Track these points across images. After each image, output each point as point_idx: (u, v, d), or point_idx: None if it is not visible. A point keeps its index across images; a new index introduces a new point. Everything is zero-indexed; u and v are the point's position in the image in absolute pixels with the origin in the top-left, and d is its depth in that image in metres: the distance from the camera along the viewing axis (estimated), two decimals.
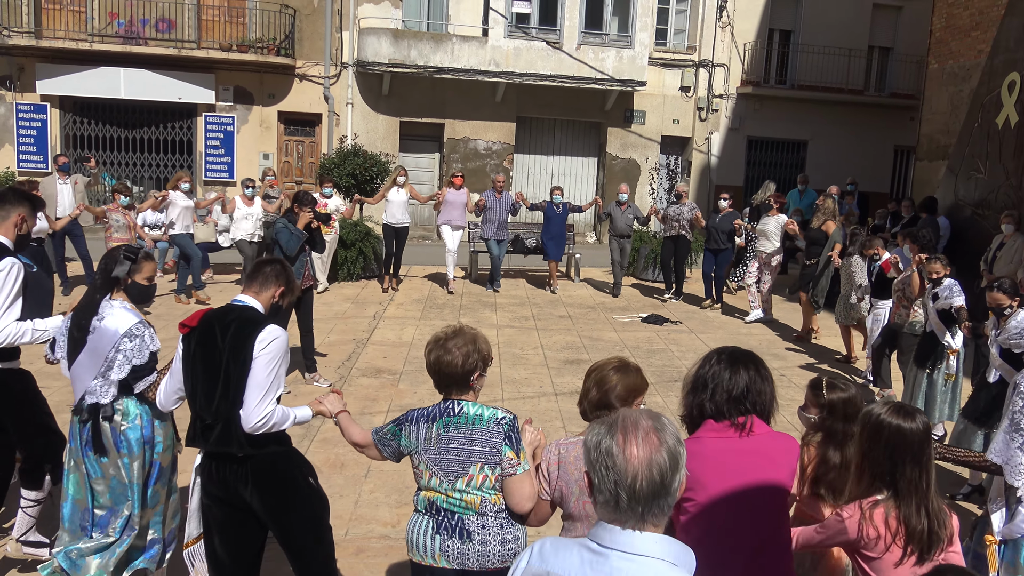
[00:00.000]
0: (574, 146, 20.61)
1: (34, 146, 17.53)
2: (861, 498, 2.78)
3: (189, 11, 17.73)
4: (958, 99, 13.90)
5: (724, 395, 2.69)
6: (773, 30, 20.79)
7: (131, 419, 3.90)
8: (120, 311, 3.89)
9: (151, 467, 3.99)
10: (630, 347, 9.91)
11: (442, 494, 3.05)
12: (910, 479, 2.70)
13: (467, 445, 3.01)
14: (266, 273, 3.64)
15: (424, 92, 18.87)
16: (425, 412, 3.13)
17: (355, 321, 10.55)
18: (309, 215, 8.05)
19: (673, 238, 12.73)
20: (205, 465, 3.50)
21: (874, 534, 2.69)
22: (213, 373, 3.40)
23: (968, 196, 12.26)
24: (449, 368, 3.07)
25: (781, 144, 21.28)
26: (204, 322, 3.50)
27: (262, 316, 3.55)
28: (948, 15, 14.48)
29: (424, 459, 3.08)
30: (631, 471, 1.71)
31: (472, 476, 3.00)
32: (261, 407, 3.35)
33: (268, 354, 3.38)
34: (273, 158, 18.65)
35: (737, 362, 2.74)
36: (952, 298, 6.79)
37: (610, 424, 1.79)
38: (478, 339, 3.15)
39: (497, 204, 12.75)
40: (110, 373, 3.83)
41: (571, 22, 18.56)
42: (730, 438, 2.67)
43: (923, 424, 2.74)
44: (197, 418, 3.47)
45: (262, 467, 3.44)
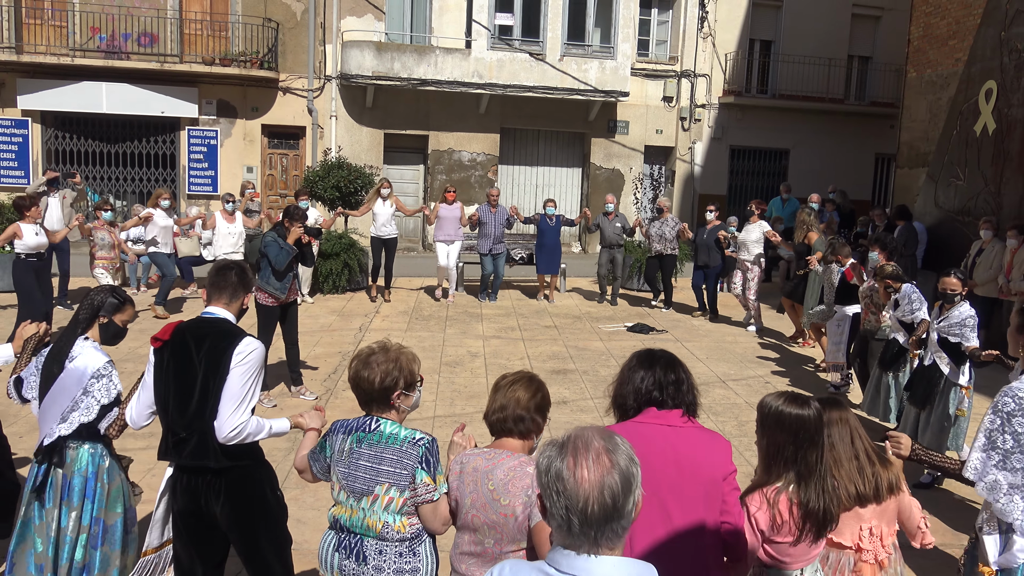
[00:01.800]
0: (558, 157, 20.68)
1: (15, 161, 17.42)
2: (761, 487, 2.90)
3: (171, 25, 17.70)
4: (937, 107, 14.05)
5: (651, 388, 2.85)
6: (754, 40, 20.97)
7: (79, 467, 3.76)
8: (90, 351, 3.84)
9: (95, 524, 3.78)
10: (616, 356, 9.93)
11: (347, 511, 2.99)
12: (810, 463, 2.83)
13: (376, 463, 2.93)
14: (234, 283, 3.62)
15: (408, 104, 18.90)
16: (345, 424, 3.08)
17: (341, 334, 10.53)
18: (300, 230, 8.03)
19: (658, 256, 12.71)
20: (176, 477, 3.48)
21: (779, 520, 2.82)
22: (187, 386, 3.38)
23: (948, 203, 12.39)
24: (366, 384, 3.02)
25: (763, 153, 21.44)
26: (177, 335, 3.48)
27: (237, 328, 3.54)
28: (926, 24, 14.65)
29: (336, 470, 3.02)
30: (582, 495, 1.67)
31: (377, 496, 2.91)
32: (235, 417, 3.34)
33: (245, 365, 3.38)
34: (257, 171, 18.61)
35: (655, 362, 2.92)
36: (915, 312, 6.92)
37: (561, 445, 1.75)
38: (402, 357, 3.07)
39: (492, 218, 12.76)
40: (72, 415, 3.74)
41: (554, 34, 18.66)
42: (666, 425, 2.80)
43: (816, 410, 2.88)
44: (169, 431, 3.44)
45: (234, 481, 3.43)
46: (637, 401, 2.88)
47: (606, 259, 13.09)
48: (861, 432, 3.26)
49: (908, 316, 6.98)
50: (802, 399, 2.91)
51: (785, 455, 2.85)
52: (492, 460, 2.87)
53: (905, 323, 7.07)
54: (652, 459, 2.69)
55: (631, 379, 2.92)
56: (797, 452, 2.83)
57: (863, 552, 3.20)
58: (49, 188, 12.07)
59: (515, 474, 2.81)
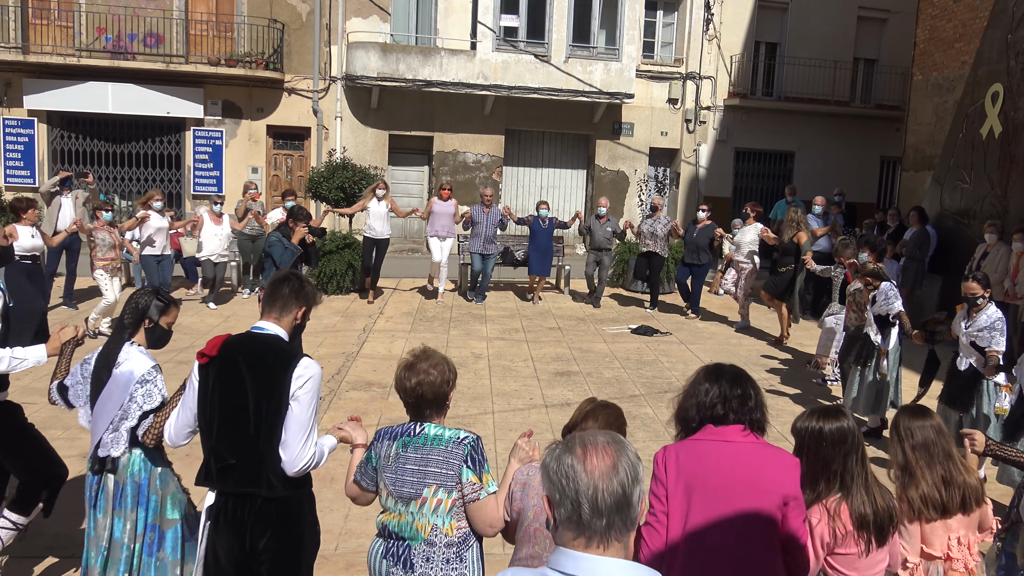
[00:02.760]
0: (563, 158, 20.67)
1: (21, 161, 17.47)
2: (817, 502, 2.93)
3: (177, 26, 17.73)
4: (943, 110, 14.02)
5: (715, 403, 2.81)
6: (759, 42, 20.94)
7: (131, 473, 3.63)
8: (137, 355, 3.70)
9: (151, 531, 3.65)
10: (620, 358, 9.92)
11: (395, 516, 2.95)
12: (854, 473, 2.92)
13: (422, 466, 2.91)
14: (285, 295, 3.40)
15: (413, 105, 18.91)
16: (390, 430, 3.06)
17: (345, 335, 10.53)
18: (304, 230, 8.04)
19: (646, 255, 12.79)
20: (220, 506, 3.23)
21: (842, 531, 2.86)
22: (236, 409, 3.17)
23: (953, 206, 12.36)
24: (430, 390, 2.99)
25: (768, 155, 21.40)
26: (225, 352, 3.25)
27: (292, 348, 3.33)
28: (932, 27, 14.62)
29: (383, 476, 2.99)
30: (593, 482, 1.70)
31: (425, 499, 2.89)
32: (307, 449, 3.17)
33: (307, 392, 3.18)
34: (262, 172, 18.63)
35: (721, 375, 2.89)
36: (890, 304, 7.20)
37: (567, 442, 1.79)
38: (446, 359, 3.10)
39: (485, 218, 12.78)
40: (122, 424, 3.62)
41: (559, 35, 18.65)
42: (727, 441, 2.76)
43: (853, 420, 2.99)
44: (212, 455, 3.21)
45: (283, 511, 3.22)
46: (700, 415, 2.85)
47: (592, 261, 13.14)
48: (946, 442, 3.31)
49: (883, 310, 7.26)
50: (832, 410, 3.00)
51: (833, 468, 2.92)
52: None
53: (880, 319, 7.33)
54: (708, 477, 2.70)
55: (695, 392, 2.89)
56: (846, 462, 2.91)
57: (953, 561, 3.25)
58: (62, 188, 12.06)
59: (534, 481, 2.86)
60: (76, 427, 6.57)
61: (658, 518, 2.72)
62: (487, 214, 12.81)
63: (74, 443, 6.27)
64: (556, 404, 8.02)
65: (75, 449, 5.87)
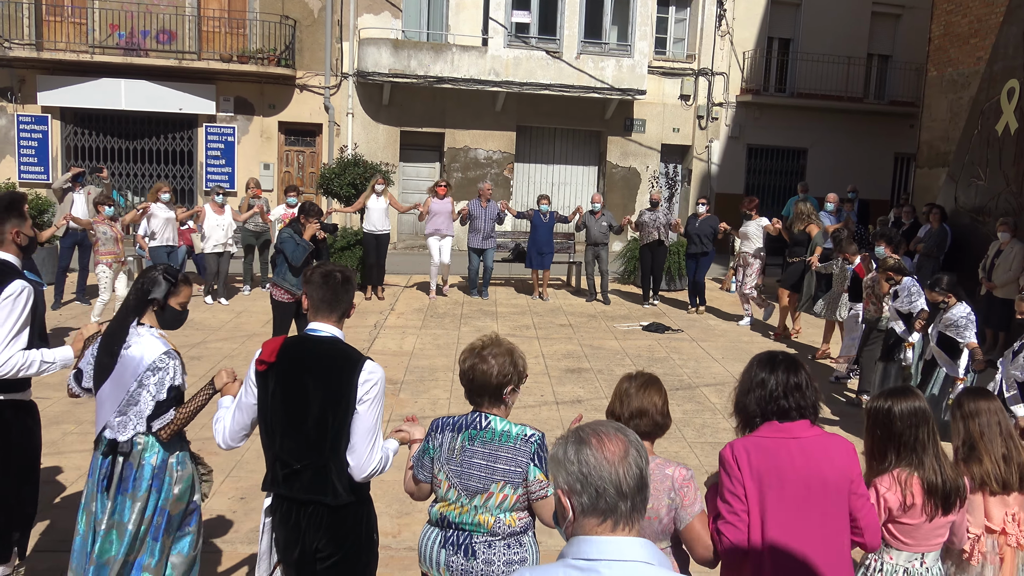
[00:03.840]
0: (574, 155, 20.63)
1: (35, 157, 17.56)
2: (887, 472, 3.13)
3: (190, 22, 17.78)
4: (957, 106, 13.91)
5: (776, 396, 2.86)
6: (772, 38, 20.83)
7: (147, 457, 3.51)
8: (148, 338, 3.55)
9: (159, 515, 3.55)
10: (631, 355, 9.89)
11: (456, 508, 2.96)
12: (925, 445, 3.10)
13: (491, 462, 2.93)
14: (336, 292, 3.25)
15: (424, 102, 18.90)
16: (452, 421, 3.04)
17: (356, 331, 10.54)
18: (316, 226, 8.06)
19: (650, 245, 12.84)
20: (276, 507, 3.20)
21: (911, 501, 3.05)
22: (302, 416, 3.11)
23: (968, 203, 12.26)
24: (483, 377, 2.99)
25: (781, 152, 21.30)
26: (284, 357, 3.17)
27: (355, 352, 3.23)
28: (947, 23, 14.50)
29: (445, 469, 2.99)
30: (614, 468, 1.76)
31: (492, 494, 2.92)
32: (375, 454, 3.13)
33: (373, 396, 3.13)
34: (274, 168, 18.67)
35: (777, 365, 2.92)
36: (913, 302, 7.37)
37: (575, 433, 1.83)
38: (515, 352, 3.08)
39: (483, 213, 12.78)
40: (130, 409, 3.49)
41: (570, 31, 18.60)
42: (792, 438, 2.81)
43: (923, 399, 3.20)
44: (277, 461, 3.16)
45: (342, 519, 3.16)
46: (761, 407, 2.88)
47: (591, 256, 13.14)
48: (1006, 422, 3.49)
49: (906, 306, 7.39)
50: (904, 390, 3.24)
51: (904, 441, 3.12)
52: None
53: (903, 313, 7.46)
54: (781, 475, 2.75)
55: (753, 384, 2.91)
56: (917, 434, 3.10)
57: (1008, 536, 3.43)
58: (74, 184, 12.11)
59: (655, 476, 2.83)
60: (89, 421, 6.60)
61: (739, 515, 2.76)
62: (484, 209, 12.82)
63: (87, 437, 6.30)
64: (567, 401, 8.01)
65: (88, 444, 5.89)
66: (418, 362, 9.27)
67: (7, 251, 3.94)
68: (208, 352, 9.34)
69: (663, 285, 14.29)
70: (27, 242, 4.03)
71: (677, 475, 2.84)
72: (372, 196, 12.52)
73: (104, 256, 10.30)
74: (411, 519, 5.40)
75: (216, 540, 5.02)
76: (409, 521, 5.37)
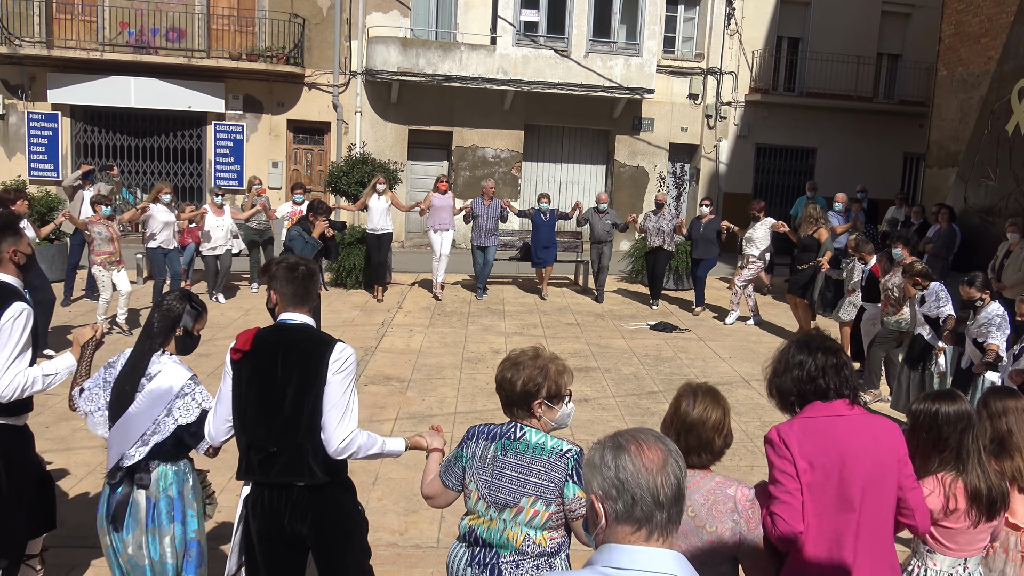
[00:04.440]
0: (582, 154, 20.62)
1: (45, 155, 17.63)
2: (931, 475, 3.09)
3: (199, 20, 17.83)
4: (968, 106, 13.86)
5: (815, 376, 2.83)
6: (781, 37, 20.77)
7: (163, 487, 3.45)
8: (171, 366, 3.49)
9: (190, 547, 3.51)
10: (639, 355, 9.89)
11: (484, 521, 2.87)
12: (971, 450, 3.08)
13: (523, 474, 2.82)
14: (301, 283, 3.33)
15: (432, 100, 18.92)
16: (487, 429, 2.99)
17: (364, 328, 10.56)
18: (324, 224, 8.07)
19: (653, 250, 12.85)
20: (256, 496, 3.23)
21: (953, 505, 3.04)
22: (274, 398, 3.16)
23: (978, 203, 12.21)
24: (507, 386, 2.94)
25: (790, 151, 21.24)
26: (258, 344, 3.23)
27: (325, 334, 3.32)
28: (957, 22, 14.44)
29: (475, 478, 2.90)
30: (652, 477, 1.72)
31: (522, 508, 2.80)
32: (343, 428, 3.15)
33: (343, 372, 3.19)
34: (282, 166, 18.71)
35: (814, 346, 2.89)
36: (940, 308, 7.24)
37: (613, 439, 1.79)
38: (552, 366, 2.96)
39: (485, 211, 12.79)
40: (153, 438, 3.41)
41: (579, 30, 18.58)
42: (836, 416, 2.80)
43: (968, 402, 3.17)
44: (252, 448, 3.20)
45: (322, 499, 3.21)
46: (798, 388, 2.86)
47: (595, 255, 13.14)
48: None
49: (934, 312, 7.25)
50: (948, 394, 3.21)
51: (949, 445, 3.09)
52: (687, 483, 2.73)
53: (930, 319, 7.30)
54: (828, 454, 2.74)
55: (790, 366, 2.88)
56: (962, 439, 3.08)
57: None
58: (84, 181, 12.15)
59: (716, 497, 2.69)
60: None
61: (792, 494, 2.72)
62: (487, 207, 12.83)
63: None
64: (574, 400, 7.99)
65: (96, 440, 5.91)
66: (425, 360, 9.29)
67: (6, 271, 3.85)
68: (216, 349, 9.37)
69: (670, 284, 14.29)
70: (25, 261, 3.93)
71: (740, 495, 2.68)
72: (374, 196, 12.53)
73: (98, 256, 10.04)
74: (418, 517, 5.41)
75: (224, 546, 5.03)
76: (416, 519, 5.38)
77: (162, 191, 11.25)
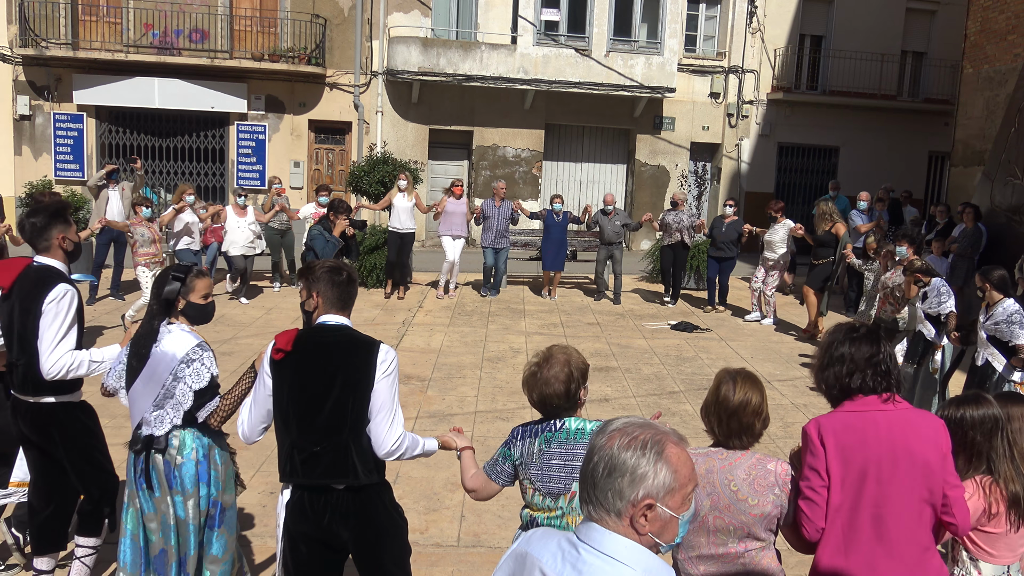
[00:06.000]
0: (603, 153, 20.57)
1: (71, 155, 17.84)
2: (968, 478, 3.05)
3: (222, 21, 17.97)
4: (994, 104, 13.68)
5: (858, 369, 2.80)
6: (804, 35, 20.61)
7: (187, 453, 3.57)
8: (178, 333, 3.60)
9: (212, 507, 3.65)
10: (659, 355, 9.86)
11: (544, 511, 2.97)
12: (1001, 454, 3.05)
13: (569, 461, 2.92)
14: (342, 286, 3.37)
15: (453, 100, 18.95)
16: (530, 427, 3.06)
17: (384, 327, 10.60)
18: (345, 223, 8.10)
19: (672, 247, 12.79)
20: (296, 500, 3.24)
21: (995, 509, 3.00)
22: (319, 400, 3.17)
23: (1004, 202, 12.06)
24: (556, 398, 2.99)
25: (813, 150, 21.08)
26: (300, 346, 3.25)
27: (369, 337, 3.33)
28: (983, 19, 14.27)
29: (528, 474, 3.00)
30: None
31: (575, 493, 2.88)
32: (394, 430, 3.21)
33: (390, 376, 3.22)
34: (304, 166, 18.82)
35: (858, 338, 2.87)
36: (942, 304, 7.16)
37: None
38: (571, 359, 3.06)
39: (496, 212, 12.77)
40: (167, 402, 3.54)
41: (600, 29, 18.54)
42: (877, 411, 2.78)
43: (995, 404, 3.12)
44: (295, 449, 3.21)
45: (362, 500, 3.24)
46: (840, 382, 2.84)
47: (604, 256, 13.09)
48: None
49: (935, 309, 7.19)
50: (975, 397, 3.17)
51: (978, 448, 3.06)
52: (728, 459, 2.85)
53: (931, 316, 7.24)
54: (867, 449, 2.73)
55: (833, 358, 2.86)
56: (991, 441, 3.05)
57: None
58: (109, 181, 12.28)
59: (757, 472, 2.81)
60: (123, 415, 6.69)
61: (817, 492, 2.75)
62: (499, 208, 12.81)
63: (120, 431, 6.39)
64: (595, 400, 7.99)
65: (121, 437, 5.97)
66: (446, 359, 9.30)
67: (54, 256, 4.03)
68: (239, 348, 9.44)
69: (691, 284, 14.23)
70: (73, 248, 4.11)
71: (780, 470, 2.82)
72: (398, 194, 12.56)
73: (142, 257, 10.30)
74: (438, 516, 5.42)
75: (246, 532, 5.08)
76: (436, 518, 5.39)
77: (186, 192, 11.44)
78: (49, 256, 4.01)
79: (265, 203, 12.97)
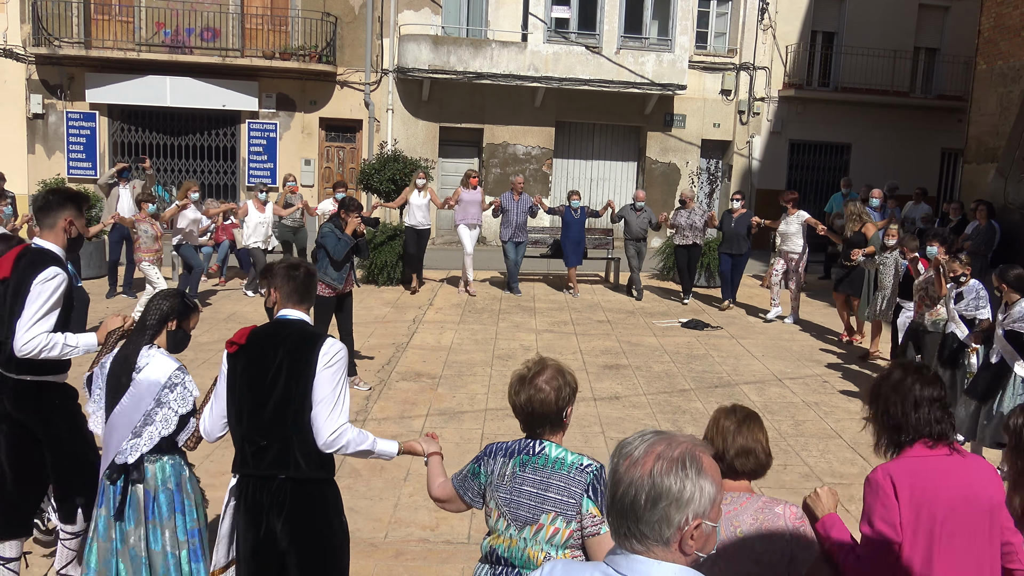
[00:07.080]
0: (614, 150, 20.54)
1: (83, 153, 17.94)
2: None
3: (233, 20, 18.03)
4: (1007, 100, 13.59)
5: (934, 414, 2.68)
6: (816, 32, 20.52)
7: (163, 480, 3.55)
8: (159, 358, 3.59)
9: (192, 537, 3.61)
10: (670, 352, 9.84)
11: (505, 540, 2.77)
12: None
13: (542, 490, 2.71)
14: (301, 282, 3.45)
15: (464, 97, 18.95)
16: (505, 446, 2.89)
17: (395, 325, 10.62)
18: (356, 221, 8.11)
19: (686, 247, 12.74)
20: (242, 488, 3.29)
21: None
22: (266, 392, 3.23)
23: (1018, 199, 11.98)
24: (544, 407, 2.78)
25: (824, 147, 20.99)
26: (253, 340, 3.33)
27: (317, 330, 3.41)
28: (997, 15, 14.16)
29: (495, 496, 2.81)
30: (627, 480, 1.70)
31: (542, 526, 2.69)
32: (332, 420, 3.21)
33: (332, 367, 3.25)
34: (315, 164, 18.86)
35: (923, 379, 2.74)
36: (979, 309, 7.05)
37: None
38: (564, 371, 2.88)
39: (515, 207, 12.77)
40: (145, 429, 3.50)
41: (610, 26, 18.51)
42: (941, 457, 2.66)
43: None
44: (245, 441, 3.27)
45: (302, 497, 3.24)
46: (916, 427, 2.69)
47: (633, 251, 13.08)
48: None
49: (971, 312, 7.07)
50: None
51: None
52: (733, 503, 2.68)
53: (966, 318, 7.11)
54: (939, 501, 2.60)
55: (904, 399, 2.71)
56: None
57: None
58: (119, 179, 12.35)
59: (765, 516, 2.64)
60: None
61: (891, 551, 2.60)
62: (517, 202, 12.81)
63: None
64: (605, 397, 7.99)
65: None
66: (456, 357, 9.32)
67: (55, 239, 4.06)
68: None
69: (702, 281, 14.19)
70: (76, 235, 4.14)
71: (789, 513, 2.64)
72: (415, 192, 12.60)
73: (146, 253, 10.41)
74: (449, 513, 5.42)
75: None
76: (447, 515, 5.40)
77: (191, 188, 11.53)
78: (50, 238, 4.05)
79: (279, 200, 13.03)
